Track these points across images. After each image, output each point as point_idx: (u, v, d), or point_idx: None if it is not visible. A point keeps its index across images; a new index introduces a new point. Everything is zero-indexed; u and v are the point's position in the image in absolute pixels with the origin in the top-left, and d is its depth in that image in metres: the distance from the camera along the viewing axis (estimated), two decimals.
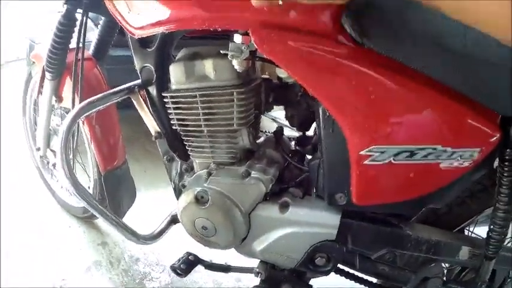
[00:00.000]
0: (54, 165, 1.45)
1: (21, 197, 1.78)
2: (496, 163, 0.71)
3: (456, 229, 0.87)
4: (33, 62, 1.52)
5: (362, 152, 0.67)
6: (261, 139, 0.94)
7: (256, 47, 0.67)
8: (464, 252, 0.82)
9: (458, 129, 0.66)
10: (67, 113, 1.39)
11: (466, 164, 0.68)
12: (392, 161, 0.67)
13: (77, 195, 0.83)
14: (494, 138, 0.66)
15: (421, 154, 0.66)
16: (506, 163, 0.67)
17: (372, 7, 0.64)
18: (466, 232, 0.92)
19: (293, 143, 0.96)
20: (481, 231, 0.85)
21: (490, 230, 0.74)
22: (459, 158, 0.67)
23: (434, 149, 0.66)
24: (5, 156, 2.16)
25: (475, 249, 0.81)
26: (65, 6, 1.13)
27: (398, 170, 0.68)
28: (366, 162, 0.68)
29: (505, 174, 0.68)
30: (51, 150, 1.41)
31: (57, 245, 1.52)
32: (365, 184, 0.71)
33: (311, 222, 0.79)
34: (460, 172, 0.69)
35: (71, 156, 1.38)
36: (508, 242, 0.91)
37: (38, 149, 1.43)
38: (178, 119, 0.84)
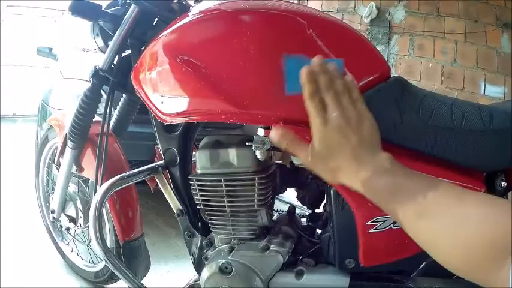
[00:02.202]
0: (67, 229, 1.48)
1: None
2: None
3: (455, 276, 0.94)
4: (51, 127, 1.56)
5: (367, 223, 0.76)
6: (274, 217, 1.01)
7: None
8: None
9: None
10: (83, 182, 1.45)
11: None
12: (392, 227, 0.76)
13: (107, 261, 0.90)
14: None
15: None
16: None
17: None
18: None
19: (303, 219, 1.04)
20: None
21: None
22: None
23: None
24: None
25: None
26: (91, 80, 1.16)
27: (397, 234, 0.75)
28: (370, 230, 0.76)
29: None
30: (66, 215, 1.45)
31: None
32: (370, 248, 0.79)
33: (324, 285, 0.86)
34: None
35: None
36: None
37: (53, 212, 1.45)
38: (202, 200, 0.91)
